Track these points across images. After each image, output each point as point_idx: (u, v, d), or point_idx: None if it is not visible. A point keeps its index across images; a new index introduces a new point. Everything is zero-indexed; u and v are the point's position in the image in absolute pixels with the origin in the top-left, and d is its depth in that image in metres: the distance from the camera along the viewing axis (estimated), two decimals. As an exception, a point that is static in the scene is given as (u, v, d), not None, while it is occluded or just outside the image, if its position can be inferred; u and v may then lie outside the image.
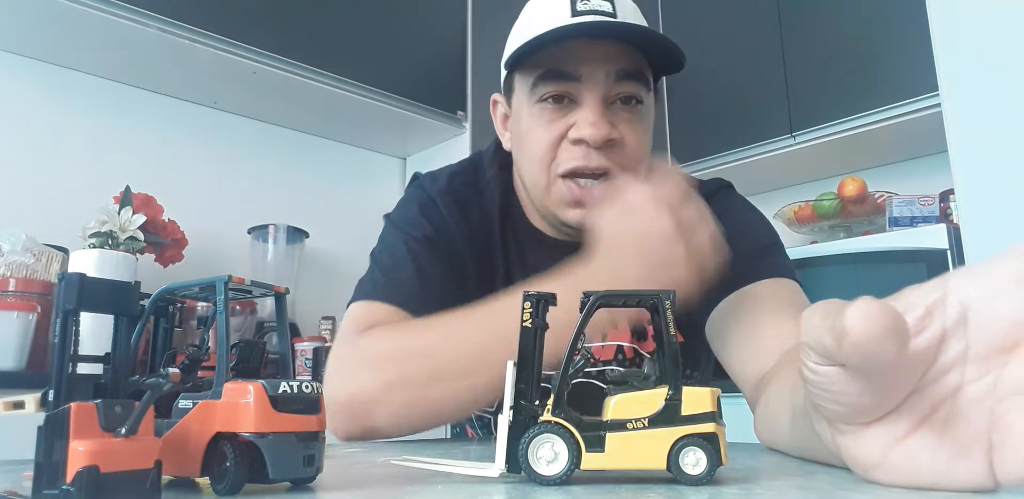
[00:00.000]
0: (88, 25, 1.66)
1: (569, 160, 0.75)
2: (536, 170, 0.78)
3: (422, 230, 0.84)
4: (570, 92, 0.75)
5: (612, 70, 0.74)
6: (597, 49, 0.74)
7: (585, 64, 0.74)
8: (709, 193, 0.88)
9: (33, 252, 1.49)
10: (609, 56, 0.75)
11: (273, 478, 0.31)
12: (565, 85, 0.75)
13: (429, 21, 2.25)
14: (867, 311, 0.28)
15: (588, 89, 0.74)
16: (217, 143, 2.11)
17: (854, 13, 2.03)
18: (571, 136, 0.75)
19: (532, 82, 0.76)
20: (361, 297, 0.80)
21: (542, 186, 0.78)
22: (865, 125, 1.98)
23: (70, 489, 0.26)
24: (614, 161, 0.75)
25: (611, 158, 0.75)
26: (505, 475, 0.35)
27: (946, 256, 1.62)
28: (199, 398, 0.33)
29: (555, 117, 0.76)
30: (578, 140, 0.74)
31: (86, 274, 0.29)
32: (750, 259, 0.79)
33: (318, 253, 2.18)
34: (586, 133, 0.73)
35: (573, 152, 0.75)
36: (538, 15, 0.77)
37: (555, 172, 0.76)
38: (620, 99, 0.76)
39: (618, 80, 0.75)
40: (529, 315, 0.36)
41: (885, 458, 0.33)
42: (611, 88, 0.75)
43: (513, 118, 0.83)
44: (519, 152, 0.83)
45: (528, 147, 0.79)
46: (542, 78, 0.76)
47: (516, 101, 0.81)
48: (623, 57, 0.75)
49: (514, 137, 0.83)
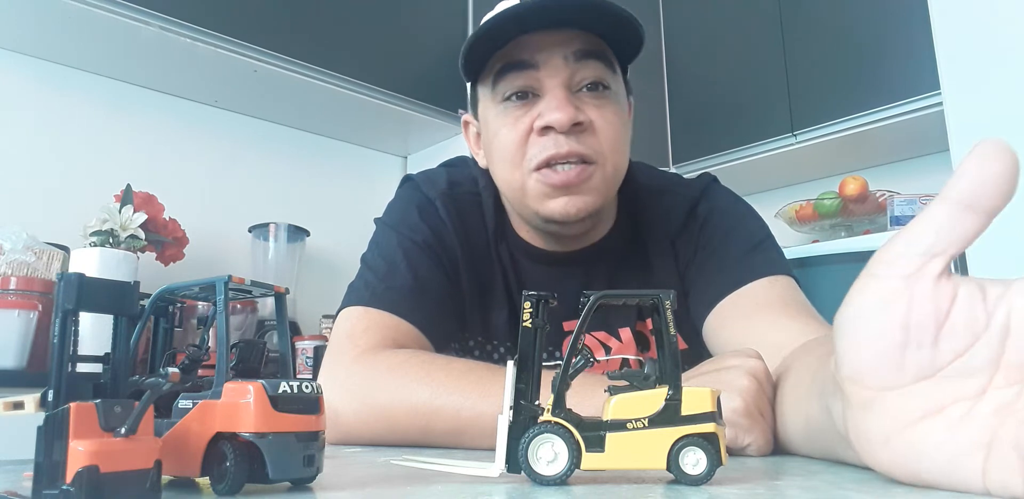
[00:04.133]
0: (89, 23, 1.65)
1: (540, 152, 0.73)
2: (509, 170, 0.76)
3: (420, 234, 0.82)
4: (531, 85, 0.73)
5: (570, 52, 0.73)
6: (551, 36, 0.73)
7: (540, 51, 0.73)
8: (699, 191, 0.87)
9: (34, 251, 1.49)
10: (564, 40, 0.73)
11: (273, 478, 0.31)
12: (523, 75, 0.73)
13: (430, 19, 2.25)
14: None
15: (548, 76, 0.73)
16: (218, 141, 2.11)
17: (855, 12, 2.03)
18: (536, 125, 0.73)
19: (492, 83, 0.75)
20: (355, 302, 0.77)
21: (518, 185, 0.76)
22: (866, 124, 1.98)
23: (70, 489, 0.26)
24: (586, 145, 0.72)
25: (583, 143, 0.72)
26: (505, 475, 0.35)
27: (947, 255, 1.62)
28: (199, 398, 0.32)
29: (520, 113, 0.74)
30: (545, 128, 0.72)
31: (85, 274, 0.29)
32: (742, 259, 0.79)
33: (319, 251, 2.18)
34: (551, 118, 0.71)
35: (542, 143, 0.73)
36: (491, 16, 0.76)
37: (527, 167, 0.74)
38: (586, 86, 0.74)
39: (578, 61, 0.73)
40: (529, 315, 0.36)
41: (890, 439, 0.32)
42: (573, 72, 0.73)
43: (483, 129, 0.80)
44: (491, 159, 0.80)
45: (498, 149, 0.76)
46: (500, 73, 0.74)
47: (483, 110, 0.79)
48: (580, 39, 0.73)
49: (486, 148, 0.81)
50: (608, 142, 0.74)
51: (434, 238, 0.82)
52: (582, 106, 0.73)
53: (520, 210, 0.80)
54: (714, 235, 0.83)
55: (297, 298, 2.00)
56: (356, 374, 0.69)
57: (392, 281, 0.78)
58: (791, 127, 2.13)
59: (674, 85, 2.46)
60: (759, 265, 0.79)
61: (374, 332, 0.73)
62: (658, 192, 0.86)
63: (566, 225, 0.78)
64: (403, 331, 0.75)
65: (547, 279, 0.83)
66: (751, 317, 0.74)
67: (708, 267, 0.81)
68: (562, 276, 0.83)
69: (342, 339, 0.74)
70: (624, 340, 0.83)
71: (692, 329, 0.81)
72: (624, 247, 0.85)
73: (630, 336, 0.83)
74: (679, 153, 2.42)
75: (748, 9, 2.30)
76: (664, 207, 0.85)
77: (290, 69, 1.91)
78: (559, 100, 0.71)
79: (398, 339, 0.74)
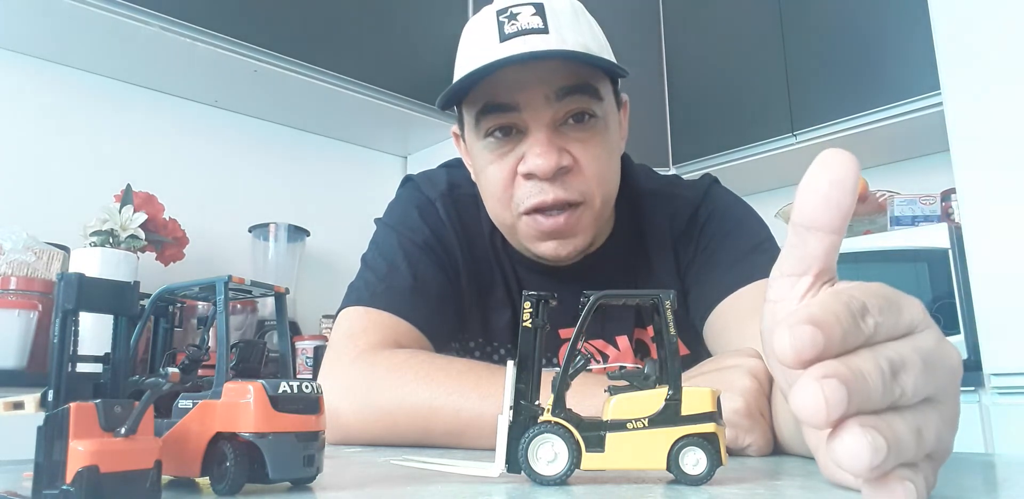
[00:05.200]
0: (89, 23, 1.66)
1: (526, 197, 0.71)
2: (498, 209, 0.75)
3: (421, 234, 0.82)
4: (514, 122, 0.71)
5: (552, 91, 0.70)
6: (532, 72, 0.69)
7: (522, 91, 0.70)
8: (701, 192, 0.87)
9: (34, 251, 1.49)
10: (545, 76, 0.69)
11: (273, 478, 0.31)
12: (506, 116, 0.71)
13: (430, 19, 2.25)
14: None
15: (530, 117, 0.70)
16: (218, 141, 2.11)
17: (855, 12, 2.03)
18: (520, 171, 0.71)
19: (475, 118, 0.73)
20: (355, 302, 0.77)
21: (508, 224, 0.76)
22: (866, 124, 1.98)
23: (70, 489, 0.26)
24: (573, 189, 0.71)
25: (569, 187, 0.71)
26: (505, 475, 0.35)
27: (948, 256, 1.62)
28: (199, 398, 0.33)
29: (504, 151, 0.72)
30: (528, 174, 0.71)
31: (85, 274, 0.29)
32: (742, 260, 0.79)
33: (319, 251, 2.18)
34: (533, 165, 0.69)
35: (527, 188, 0.71)
36: (470, 44, 0.74)
37: (516, 210, 0.73)
38: (572, 117, 0.71)
39: (561, 98, 0.70)
40: (529, 315, 0.36)
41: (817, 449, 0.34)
42: (557, 109, 0.70)
43: (469, 152, 0.79)
44: (481, 190, 0.79)
45: (486, 185, 0.76)
46: (482, 113, 0.72)
47: (468, 136, 0.77)
48: (560, 73, 0.70)
49: (475, 175, 0.80)
50: (595, 179, 0.73)
51: (434, 239, 0.82)
52: (566, 143, 0.71)
53: (513, 244, 0.81)
54: (715, 236, 0.82)
55: (297, 298, 2.00)
56: (356, 374, 0.69)
57: (392, 281, 0.78)
58: (791, 127, 2.13)
59: (674, 85, 2.46)
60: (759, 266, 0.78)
61: (374, 332, 0.73)
62: (659, 194, 0.86)
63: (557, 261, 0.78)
64: (403, 331, 0.75)
65: (547, 284, 0.83)
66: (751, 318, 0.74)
67: (708, 268, 0.81)
68: (561, 282, 0.83)
69: (342, 339, 0.74)
70: (622, 348, 0.83)
71: (693, 333, 0.80)
72: (624, 251, 0.85)
73: (628, 344, 0.83)
74: (679, 153, 2.42)
75: (748, 9, 2.30)
76: (665, 209, 0.85)
77: (290, 69, 1.91)
78: (542, 146, 0.69)
79: (398, 339, 0.74)
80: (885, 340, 0.28)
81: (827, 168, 0.30)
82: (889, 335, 0.28)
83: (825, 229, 0.30)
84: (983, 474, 0.43)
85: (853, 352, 0.27)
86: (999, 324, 1.47)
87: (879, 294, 0.29)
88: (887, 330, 0.28)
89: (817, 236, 0.31)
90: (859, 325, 0.27)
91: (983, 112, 1.56)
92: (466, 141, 0.79)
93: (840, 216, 0.30)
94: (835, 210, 0.30)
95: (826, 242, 0.31)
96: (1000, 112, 1.53)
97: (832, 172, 0.30)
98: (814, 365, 0.26)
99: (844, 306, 0.27)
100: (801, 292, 0.32)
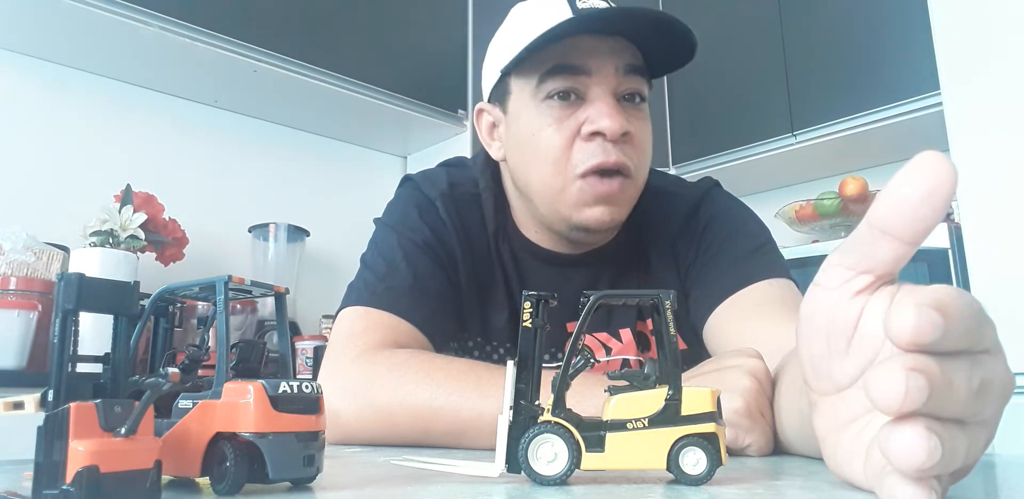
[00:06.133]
0: (89, 23, 1.66)
1: (588, 158, 0.72)
2: (550, 173, 0.75)
3: (420, 234, 0.82)
4: (578, 87, 0.73)
5: (621, 64, 0.74)
6: (605, 43, 0.73)
7: (595, 57, 0.73)
8: (701, 194, 0.87)
9: (34, 251, 1.49)
10: (616, 50, 0.74)
11: (273, 478, 0.31)
12: (574, 79, 0.73)
13: (430, 19, 2.25)
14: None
15: (598, 83, 0.73)
16: (218, 141, 2.11)
17: (855, 12, 2.03)
18: (586, 130, 0.73)
19: (538, 79, 0.74)
20: (355, 302, 0.77)
21: (556, 189, 0.75)
22: (866, 124, 1.98)
23: (70, 489, 0.26)
24: (629, 157, 0.74)
25: (627, 154, 0.73)
26: (505, 475, 0.35)
27: (947, 255, 1.62)
28: (199, 398, 0.32)
29: (564, 114, 0.74)
30: (595, 133, 0.72)
31: (85, 274, 0.29)
32: (742, 262, 0.79)
33: (319, 251, 2.18)
34: (604, 125, 0.71)
35: (590, 149, 0.73)
36: (535, 16, 0.75)
37: (572, 173, 0.73)
38: (625, 96, 0.75)
39: (627, 74, 0.74)
40: (529, 315, 0.36)
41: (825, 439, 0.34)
42: (620, 83, 0.74)
43: (511, 122, 0.79)
44: (522, 158, 0.79)
45: (537, 149, 0.75)
46: (550, 73, 0.73)
47: (515, 104, 0.78)
48: (629, 51, 0.75)
49: (513, 143, 0.80)
50: (644, 155, 0.76)
51: (434, 238, 0.82)
52: (627, 117, 0.74)
53: (548, 212, 0.79)
54: (715, 238, 0.83)
55: (297, 298, 2.00)
56: (356, 374, 0.69)
57: (392, 281, 0.78)
58: (791, 127, 2.13)
59: (674, 85, 2.46)
60: (759, 268, 0.79)
61: (374, 332, 0.73)
62: (660, 195, 0.86)
63: (593, 233, 0.78)
64: (403, 331, 0.75)
65: (549, 280, 0.83)
66: (750, 319, 0.74)
67: (709, 269, 0.81)
68: (564, 276, 0.83)
69: (342, 339, 0.74)
70: (625, 341, 0.83)
71: (692, 331, 0.81)
72: (626, 249, 0.85)
73: (631, 337, 0.83)
74: (679, 153, 2.42)
75: (748, 9, 2.30)
76: (666, 210, 0.85)
77: (290, 69, 1.91)
78: (611, 107, 0.72)
79: (398, 339, 0.74)
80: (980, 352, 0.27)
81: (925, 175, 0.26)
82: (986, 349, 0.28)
83: (902, 239, 0.28)
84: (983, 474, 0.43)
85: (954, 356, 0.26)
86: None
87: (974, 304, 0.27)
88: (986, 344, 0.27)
89: (891, 244, 0.28)
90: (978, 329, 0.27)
91: (983, 112, 1.56)
92: (508, 110, 0.79)
93: (923, 230, 0.27)
94: (919, 223, 0.27)
95: (899, 251, 0.28)
96: (1000, 112, 1.53)
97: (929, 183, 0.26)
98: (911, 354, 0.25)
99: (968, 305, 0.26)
100: (856, 288, 0.30)
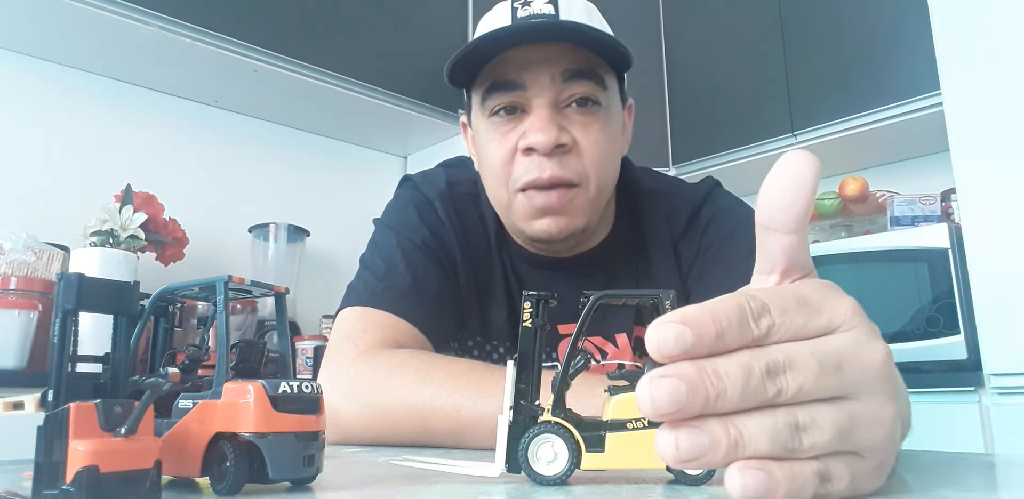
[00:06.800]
0: (89, 23, 1.66)
1: (523, 173, 0.73)
2: (496, 186, 0.76)
3: (420, 234, 0.82)
4: (519, 101, 0.73)
5: (558, 72, 0.72)
6: (539, 52, 0.71)
7: (527, 69, 0.72)
8: (703, 194, 0.87)
9: (34, 251, 1.49)
10: (552, 58, 0.72)
11: (273, 478, 0.31)
12: (511, 94, 0.73)
13: (430, 19, 2.25)
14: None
15: (535, 95, 0.72)
16: (218, 141, 2.11)
17: (856, 12, 2.03)
18: (520, 145, 0.72)
19: (482, 97, 0.75)
20: (354, 302, 0.77)
21: (504, 203, 0.76)
22: (866, 124, 1.98)
23: (70, 489, 0.26)
24: (570, 169, 0.72)
25: (566, 166, 0.72)
26: (505, 475, 0.35)
27: (948, 256, 1.62)
28: (199, 398, 0.32)
29: (507, 129, 0.74)
30: (527, 149, 0.72)
31: (85, 274, 0.29)
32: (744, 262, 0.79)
33: (319, 251, 2.18)
34: (532, 140, 0.71)
35: (525, 164, 0.73)
36: (482, 28, 0.75)
37: (513, 187, 0.74)
38: (575, 101, 0.73)
39: (566, 81, 0.72)
40: (529, 315, 0.36)
41: None
42: (560, 91, 0.72)
43: (475, 137, 0.81)
44: (481, 170, 0.80)
45: (486, 163, 0.77)
46: (488, 91, 0.74)
47: (474, 119, 0.79)
48: (568, 57, 0.72)
49: (476, 155, 0.81)
50: (592, 162, 0.73)
51: (433, 238, 0.82)
52: (568, 124, 0.72)
53: (508, 224, 0.81)
54: (716, 238, 0.83)
55: (297, 298, 2.00)
56: (356, 374, 0.69)
57: (391, 281, 0.78)
58: (791, 127, 2.13)
59: (674, 85, 2.46)
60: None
61: (373, 332, 0.73)
62: (661, 195, 0.86)
63: (554, 243, 0.79)
64: (402, 331, 0.75)
65: (546, 281, 0.83)
66: None
67: (709, 269, 0.81)
68: (561, 279, 0.83)
69: (341, 339, 0.74)
70: (620, 346, 0.83)
71: None
72: (624, 251, 0.85)
73: (627, 342, 0.83)
74: (679, 153, 2.42)
75: (748, 9, 2.30)
76: (667, 210, 0.85)
77: (290, 69, 1.91)
78: (542, 121, 0.71)
79: (398, 339, 0.74)
80: (787, 340, 0.28)
81: (784, 170, 0.30)
82: (794, 335, 0.28)
83: (781, 230, 0.31)
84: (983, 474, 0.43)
85: (732, 352, 0.27)
86: (999, 324, 1.47)
87: (793, 294, 0.29)
88: (789, 330, 0.28)
89: (775, 236, 0.31)
90: (748, 325, 0.27)
91: (983, 112, 1.56)
92: (472, 123, 0.81)
93: (794, 218, 0.30)
94: (788, 212, 0.30)
95: (784, 242, 0.31)
96: (1000, 112, 1.54)
97: (789, 174, 0.30)
98: (668, 364, 0.27)
99: (735, 306, 0.28)
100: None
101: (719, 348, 0.27)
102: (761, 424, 0.27)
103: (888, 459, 0.30)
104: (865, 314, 0.30)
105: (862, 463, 0.29)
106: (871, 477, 0.30)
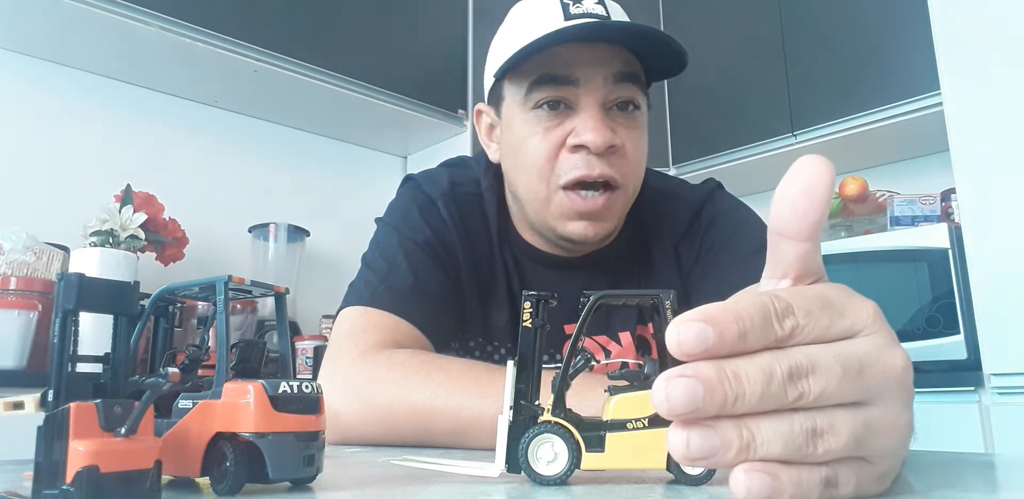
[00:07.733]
0: (89, 23, 1.66)
1: (570, 169, 0.72)
2: (534, 182, 0.75)
3: (422, 234, 0.81)
4: (566, 97, 0.73)
5: (610, 73, 0.72)
6: (594, 52, 0.72)
7: (582, 67, 0.72)
8: (704, 195, 0.87)
9: (34, 251, 1.49)
10: (605, 59, 0.72)
11: (273, 478, 0.31)
12: (562, 89, 0.72)
13: (430, 19, 2.25)
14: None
15: (586, 93, 0.72)
16: (218, 141, 2.11)
17: (855, 12, 2.03)
18: (571, 142, 0.72)
19: (526, 88, 0.74)
20: (355, 302, 0.77)
21: (541, 198, 0.75)
22: (866, 124, 1.98)
23: (70, 489, 0.26)
24: (616, 169, 0.73)
25: (613, 166, 0.72)
26: (505, 475, 0.35)
27: (947, 255, 1.62)
28: (199, 398, 0.32)
29: (552, 124, 0.73)
30: (578, 146, 0.72)
31: (85, 274, 0.29)
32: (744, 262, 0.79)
33: (319, 251, 2.18)
34: (587, 138, 0.70)
35: (573, 160, 0.72)
36: (528, 21, 0.75)
37: (555, 183, 0.73)
38: (617, 105, 0.74)
39: (617, 83, 0.73)
40: (529, 315, 0.36)
41: None
42: (609, 92, 0.73)
43: (504, 128, 0.80)
44: (512, 163, 0.79)
45: (524, 157, 0.76)
46: (537, 83, 0.73)
47: (507, 110, 0.78)
48: (619, 59, 0.73)
49: (505, 148, 0.80)
50: (633, 166, 0.75)
51: (435, 238, 0.82)
52: (615, 127, 0.73)
53: (535, 220, 0.80)
54: (717, 239, 0.83)
55: (297, 298, 2.00)
56: (356, 374, 0.69)
57: (392, 281, 0.78)
58: (791, 127, 2.13)
59: (674, 85, 2.46)
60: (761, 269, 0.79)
61: (374, 332, 0.73)
62: (663, 196, 0.86)
63: (579, 244, 0.79)
64: (403, 331, 0.75)
65: (550, 281, 0.83)
66: None
67: (710, 270, 0.81)
68: (565, 279, 0.83)
69: (342, 339, 0.74)
70: (624, 344, 0.83)
71: None
72: (628, 251, 0.85)
73: (630, 340, 0.83)
74: (679, 153, 2.42)
75: (748, 9, 2.30)
76: (668, 211, 0.86)
77: (290, 69, 1.91)
78: (596, 121, 0.71)
79: (398, 339, 0.73)
80: (810, 343, 0.28)
81: (800, 176, 0.29)
82: (817, 338, 0.28)
83: (796, 238, 0.30)
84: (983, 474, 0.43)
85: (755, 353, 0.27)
86: (999, 324, 1.47)
87: (818, 296, 0.29)
88: (813, 333, 0.28)
89: (790, 243, 0.30)
90: (771, 326, 0.27)
91: (983, 112, 1.56)
92: (502, 115, 0.79)
93: (808, 226, 0.29)
94: (804, 219, 0.29)
95: (799, 249, 0.30)
96: (1000, 112, 1.54)
97: (804, 180, 0.29)
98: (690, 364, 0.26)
99: (759, 306, 0.27)
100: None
101: (741, 348, 0.26)
102: (777, 428, 0.26)
103: (896, 464, 0.30)
104: (885, 318, 0.30)
105: (869, 469, 0.29)
106: (876, 482, 0.29)
